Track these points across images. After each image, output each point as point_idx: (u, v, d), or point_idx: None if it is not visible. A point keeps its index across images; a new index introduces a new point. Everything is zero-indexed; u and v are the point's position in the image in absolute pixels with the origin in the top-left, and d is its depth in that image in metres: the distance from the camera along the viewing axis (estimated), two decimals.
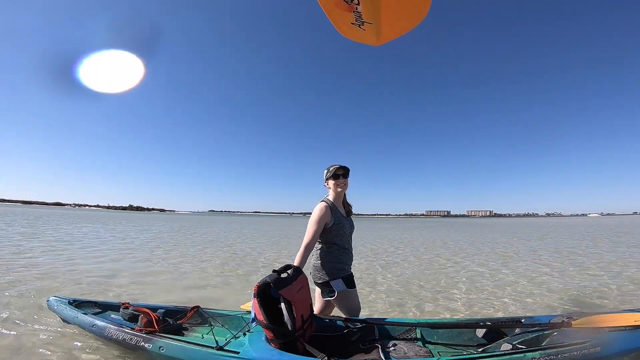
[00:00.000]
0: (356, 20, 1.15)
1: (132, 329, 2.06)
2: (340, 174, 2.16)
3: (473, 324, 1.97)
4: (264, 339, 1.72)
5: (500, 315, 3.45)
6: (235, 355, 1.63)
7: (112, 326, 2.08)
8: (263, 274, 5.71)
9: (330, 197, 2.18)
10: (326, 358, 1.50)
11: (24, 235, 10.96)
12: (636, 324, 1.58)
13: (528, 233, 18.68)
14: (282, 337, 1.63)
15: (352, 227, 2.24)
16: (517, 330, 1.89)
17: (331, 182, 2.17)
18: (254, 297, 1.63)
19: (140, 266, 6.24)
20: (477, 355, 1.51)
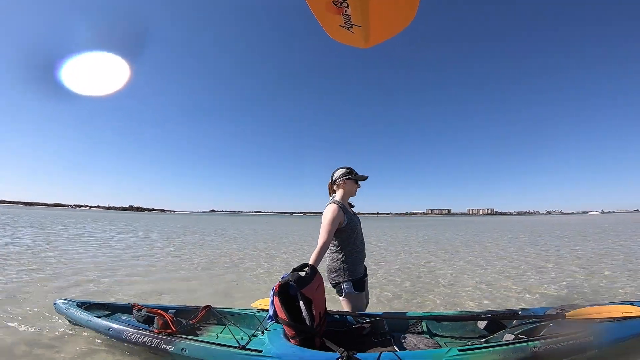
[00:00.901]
0: (345, 23, 1.16)
1: (150, 331, 2.04)
2: (362, 180, 2.24)
3: (475, 316, 2.06)
4: (282, 336, 1.74)
5: (498, 308, 3.58)
6: (259, 353, 1.65)
7: (129, 329, 2.05)
8: (259, 273, 5.58)
9: (338, 198, 2.18)
10: (345, 352, 1.52)
11: (29, 236, 10.78)
12: (623, 315, 1.74)
13: (525, 231, 18.37)
14: (302, 334, 1.66)
15: (360, 223, 2.27)
16: (514, 322, 2.00)
17: (350, 184, 2.19)
18: (275, 295, 1.65)
19: (139, 265, 6.09)
20: (485, 345, 1.58)
